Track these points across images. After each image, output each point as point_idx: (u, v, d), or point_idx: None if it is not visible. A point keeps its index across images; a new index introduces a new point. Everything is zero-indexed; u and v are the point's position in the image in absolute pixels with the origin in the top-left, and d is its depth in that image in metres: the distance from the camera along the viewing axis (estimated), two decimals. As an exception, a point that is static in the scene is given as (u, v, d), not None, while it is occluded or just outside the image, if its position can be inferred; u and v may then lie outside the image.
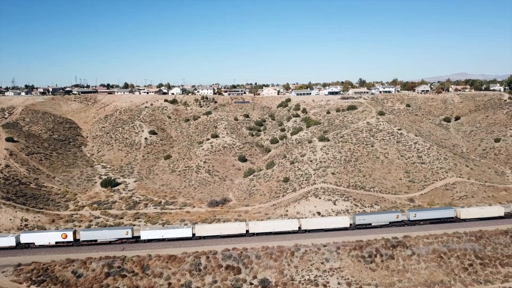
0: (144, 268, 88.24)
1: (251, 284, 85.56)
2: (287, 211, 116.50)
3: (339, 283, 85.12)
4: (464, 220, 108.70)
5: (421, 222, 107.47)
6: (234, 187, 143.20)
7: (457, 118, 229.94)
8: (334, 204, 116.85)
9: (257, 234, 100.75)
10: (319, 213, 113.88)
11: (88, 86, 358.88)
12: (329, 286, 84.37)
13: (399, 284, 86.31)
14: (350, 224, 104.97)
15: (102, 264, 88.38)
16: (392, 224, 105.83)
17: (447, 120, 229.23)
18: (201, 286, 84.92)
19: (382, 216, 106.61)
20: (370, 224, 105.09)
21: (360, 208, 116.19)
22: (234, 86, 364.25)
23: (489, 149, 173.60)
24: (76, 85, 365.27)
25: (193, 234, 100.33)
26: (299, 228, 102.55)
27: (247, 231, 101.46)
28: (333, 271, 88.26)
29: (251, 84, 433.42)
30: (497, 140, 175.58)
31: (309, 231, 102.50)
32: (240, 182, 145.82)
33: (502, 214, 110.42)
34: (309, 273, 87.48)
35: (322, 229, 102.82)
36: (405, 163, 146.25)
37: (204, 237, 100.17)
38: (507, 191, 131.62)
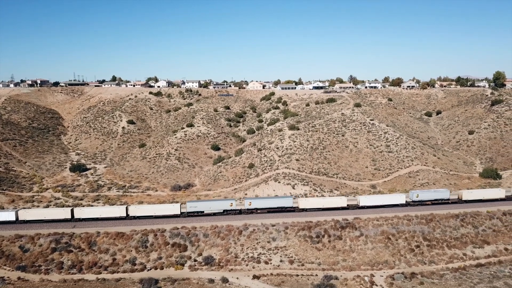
0: (91, 244, 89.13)
1: (195, 261, 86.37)
2: (246, 194, 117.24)
3: (281, 261, 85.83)
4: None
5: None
6: (202, 173, 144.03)
7: (438, 113, 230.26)
8: (293, 188, 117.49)
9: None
10: (276, 196, 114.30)
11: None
12: (271, 263, 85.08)
13: (343, 263, 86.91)
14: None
15: (50, 240, 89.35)
16: (227, 212, 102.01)
17: (428, 114, 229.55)
18: (145, 262, 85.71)
19: (216, 204, 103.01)
20: (203, 212, 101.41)
21: (319, 192, 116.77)
22: (226, 82, 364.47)
23: (462, 141, 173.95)
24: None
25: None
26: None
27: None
28: (278, 249, 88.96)
29: (243, 81, 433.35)
30: (471, 133, 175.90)
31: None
32: (209, 169, 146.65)
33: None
34: (253, 251, 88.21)
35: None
36: (373, 152, 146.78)
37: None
38: (470, 179, 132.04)
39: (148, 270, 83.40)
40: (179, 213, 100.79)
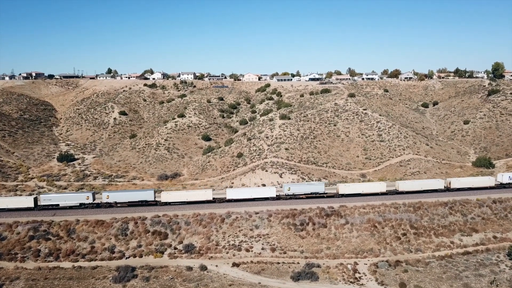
0: (69, 232, 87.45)
1: (175, 248, 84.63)
2: (232, 183, 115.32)
3: (263, 248, 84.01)
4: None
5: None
6: (191, 163, 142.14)
7: (435, 104, 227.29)
8: (280, 176, 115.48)
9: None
10: (264, 185, 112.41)
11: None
12: (252, 250, 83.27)
13: (327, 251, 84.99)
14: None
15: (28, 228, 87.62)
16: (84, 206, 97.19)
17: (425, 105, 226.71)
18: (124, 250, 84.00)
19: (72, 197, 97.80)
20: (58, 205, 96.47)
21: (306, 181, 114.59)
22: (223, 74, 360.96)
23: (457, 131, 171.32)
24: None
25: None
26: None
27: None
28: (260, 237, 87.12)
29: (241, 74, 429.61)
30: (466, 122, 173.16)
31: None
32: (198, 159, 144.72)
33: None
34: (235, 239, 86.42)
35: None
36: (364, 141, 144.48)
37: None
38: (463, 168, 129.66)
39: (126, 258, 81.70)
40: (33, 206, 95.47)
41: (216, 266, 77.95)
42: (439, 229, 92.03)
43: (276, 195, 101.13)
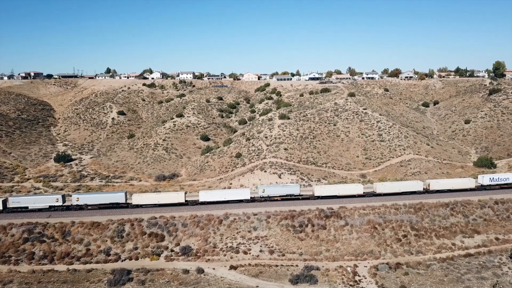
0: (65, 234, 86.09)
1: (172, 251, 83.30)
2: (231, 184, 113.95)
3: (261, 251, 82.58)
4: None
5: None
6: (189, 163, 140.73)
7: (435, 103, 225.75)
8: (279, 177, 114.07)
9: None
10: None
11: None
12: (250, 253, 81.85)
13: (326, 254, 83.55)
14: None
15: (23, 230, 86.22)
16: (54, 208, 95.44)
17: (426, 105, 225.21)
18: (120, 253, 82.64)
19: (41, 199, 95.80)
20: (27, 207, 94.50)
21: (306, 182, 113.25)
22: (223, 74, 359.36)
23: (458, 130, 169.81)
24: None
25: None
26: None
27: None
28: (259, 239, 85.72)
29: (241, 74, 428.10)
30: (467, 122, 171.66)
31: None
32: (196, 159, 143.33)
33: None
34: (233, 241, 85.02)
35: None
36: (364, 141, 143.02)
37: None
38: (464, 168, 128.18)
39: (122, 261, 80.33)
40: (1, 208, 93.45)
41: (213, 269, 76.54)
42: (440, 231, 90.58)
43: (251, 197, 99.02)
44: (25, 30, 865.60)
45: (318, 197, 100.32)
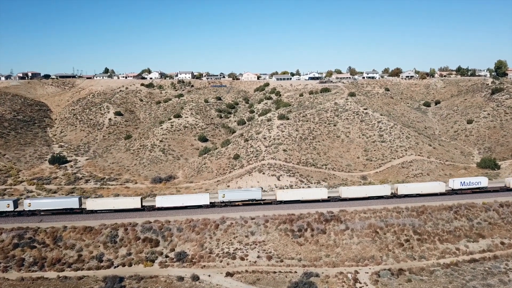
0: (56, 239, 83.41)
1: (166, 256, 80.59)
2: (228, 186, 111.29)
3: (258, 257, 79.85)
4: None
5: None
6: (186, 165, 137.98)
7: (437, 103, 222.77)
8: (278, 179, 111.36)
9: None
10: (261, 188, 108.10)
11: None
12: (247, 259, 79.13)
13: (326, 259, 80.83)
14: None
15: (13, 235, 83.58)
16: (6, 214, 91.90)
17: (427, 104, 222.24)
18: (113, 259, 79.94)
19: None
20: None
21: (305, 184, 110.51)
22: (222, 73, 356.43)
23: (460, 130, 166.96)
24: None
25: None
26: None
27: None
28: (256, 244, 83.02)
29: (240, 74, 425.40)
30: (469, 122, 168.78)
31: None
32: (193, 160, 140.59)
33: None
34: (229, 246, 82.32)
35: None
36: (365, 141, 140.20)
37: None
38: (467, 169, 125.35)
39: (115, 267, 77.67)
40: None
41: (209, 275, 73.84)
42: (443, 235, 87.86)
43: (211, 203, 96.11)
44: (24, 30, 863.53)
45: (281, 202, 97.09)
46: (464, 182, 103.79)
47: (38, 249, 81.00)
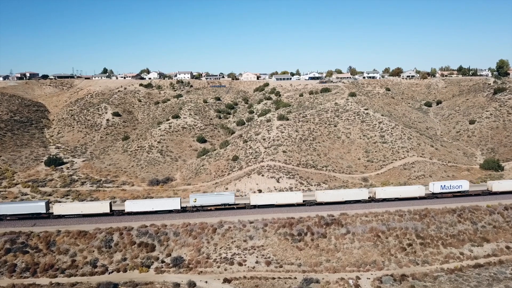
0: (49, 244, 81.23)
1: (162, 262, 78.41)
2: (226, 188, 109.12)
3: (257, 262, 77.64)
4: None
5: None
6: (184, 167, 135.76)
7: (438, 103, 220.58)
8: (278, 181, 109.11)
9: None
10: (260, 191, 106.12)
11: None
12: (245, 264, 76.91)
13: (326, 264, 78.66)
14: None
15: (5, 240, 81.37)
16: None
17: (428, 104, 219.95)
18: (107, 264, 77.74)
19: None
20: None
21: (305, 186, 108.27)
22: (222, 74, 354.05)
23: (462, 131, 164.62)
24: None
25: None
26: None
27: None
28: (255, 249, 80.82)
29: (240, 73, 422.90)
30: (471, 122, 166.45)
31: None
32: (192, 162, 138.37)
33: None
34: (227, 251, 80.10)
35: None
36: (366, 142, 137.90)
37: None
38: (470, 171, 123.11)
39: (109, 273, 75.48)
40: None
41: (206, 282, 71.65)
42: (447, 239, 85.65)
43: (182, 207, 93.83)
44: (24, 30, 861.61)
45: (255, 206, 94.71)
46: (444, 185, 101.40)
47: (31, 254, 78.83)
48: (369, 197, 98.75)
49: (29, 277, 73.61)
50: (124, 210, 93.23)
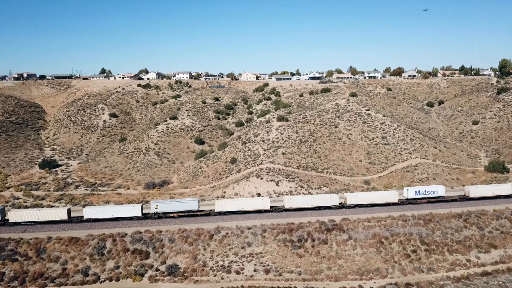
0: (39, 251, 78.31)
1: (157, 270, 75.42)
2: (224, 192, 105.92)
3: (255, 270, 74.57)
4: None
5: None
6: (181, 169, 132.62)
7: (440, 103, 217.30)
8: (277, 185, 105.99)
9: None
10: (259, 194, 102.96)
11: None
12: (243, 272, 73.84)
13: (327, 272, 75.60)
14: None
15: (-7, 247, 78.27)
16: None
17: (430, 105, 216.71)
18: (99, 272, 74.79)
19: None
20: None
21: (305, 189, 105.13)
22: (221, 74, 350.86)
23: (466, 132, 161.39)
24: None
25: None
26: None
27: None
28: (253, 256, 77.77)
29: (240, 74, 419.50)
30: (475, 123, 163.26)
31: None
32: (189, 164, 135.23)
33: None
34: (224, 258, 77.08)
35: None
36: (368, 144, 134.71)
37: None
38: (475, 173, 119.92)
39: (101, 282, 72.55)
40: None
41: (202, 292, 68.47)
42: (453, 245, 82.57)
43: (143, 214, 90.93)
44: (23, 31, 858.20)
45: (220, 213, 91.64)
46: (419, 191, 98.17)
47: (20, 262, 75.90)
48: (340, 203, 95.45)
49: (17, 287, 70.79)
50: (83, 216, 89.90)
